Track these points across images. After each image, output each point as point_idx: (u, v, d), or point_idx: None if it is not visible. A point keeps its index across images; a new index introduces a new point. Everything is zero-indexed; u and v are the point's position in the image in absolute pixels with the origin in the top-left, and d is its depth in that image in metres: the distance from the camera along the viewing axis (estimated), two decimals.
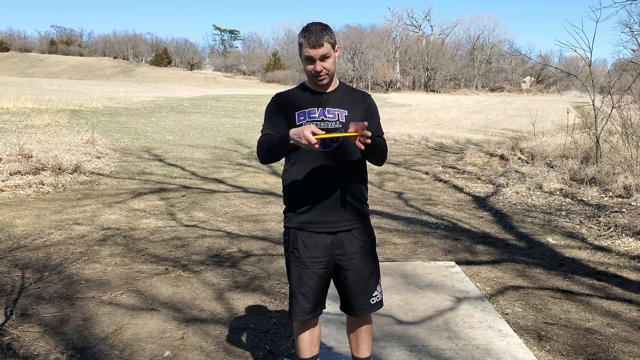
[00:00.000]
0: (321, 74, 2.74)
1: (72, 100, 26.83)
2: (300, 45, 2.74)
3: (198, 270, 5.42)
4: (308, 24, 2.77)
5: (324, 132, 2.59)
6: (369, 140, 2.45)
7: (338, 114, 2.81)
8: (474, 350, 3.72)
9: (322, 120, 2.79)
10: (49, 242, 6.27)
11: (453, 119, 29.61)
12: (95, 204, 8.23)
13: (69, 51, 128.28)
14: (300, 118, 2.80)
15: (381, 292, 3.07)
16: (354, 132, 2.46)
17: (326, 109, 2.82)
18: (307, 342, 3.04)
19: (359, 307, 2.98)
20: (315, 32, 2.69)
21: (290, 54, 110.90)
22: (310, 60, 2.72)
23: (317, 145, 2.45)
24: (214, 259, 5.79)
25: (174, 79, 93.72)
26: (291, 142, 2.52)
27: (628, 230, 6.95)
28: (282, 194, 2.99)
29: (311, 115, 2.80)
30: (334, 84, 2.90)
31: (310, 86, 2.89)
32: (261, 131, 2.91)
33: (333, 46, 2.75)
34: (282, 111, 2.90)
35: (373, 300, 3.00)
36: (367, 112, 2.89)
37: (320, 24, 2.78)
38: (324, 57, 2.72)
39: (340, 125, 2.77)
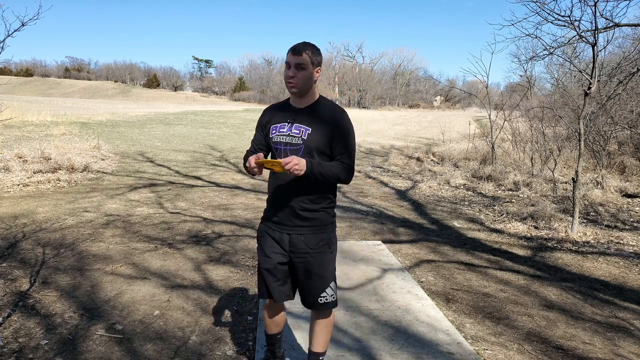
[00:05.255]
0: (291, 80, 2.23)
1: (82, 114, 25.89)
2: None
3: (181, 247, 5.31)
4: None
5: (284, 148, 2.29)
6: (295, 172, 2.09)
7: (303, 131, 2.27)
8: (396, 310, 3.71)
9: (289, 135, 2.29)
10: (64, 225, 6.00)
11: (380, 129, 29.52)
12: (101, 195, 7.92)
13: (80, 76, 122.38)
14: (273, 132, 2.35)
15: (332, 294, 2.46)
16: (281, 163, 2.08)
17: (294, 124, 2.29)
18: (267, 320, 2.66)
19: (307, 303, 2.49)
20: (299, 45, 2.24)
21: (253, 79, 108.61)
22: (287, 65, 2.24)
23: (256, 169, 2.15)
24: (193, 238, 5.67)
25: (162, 98, 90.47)
26: (246, 164, 2.23)
27: (516, 216, 7.01)
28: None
29: (280, 130, 2.32)
30: (310, 100, 2.33)
31: (290, 101, 2.39)
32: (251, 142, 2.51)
33: (313, 63, 2.25)
34: (262, 125, 2.44)
35: (321, 300, 2.43)
36: (335, 131, 2.27)
37: (309, 43, 2.27)
38: (299, 66, 2.21)
39: (301, 142, 2.26)
